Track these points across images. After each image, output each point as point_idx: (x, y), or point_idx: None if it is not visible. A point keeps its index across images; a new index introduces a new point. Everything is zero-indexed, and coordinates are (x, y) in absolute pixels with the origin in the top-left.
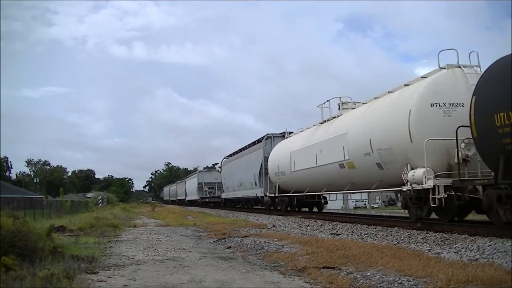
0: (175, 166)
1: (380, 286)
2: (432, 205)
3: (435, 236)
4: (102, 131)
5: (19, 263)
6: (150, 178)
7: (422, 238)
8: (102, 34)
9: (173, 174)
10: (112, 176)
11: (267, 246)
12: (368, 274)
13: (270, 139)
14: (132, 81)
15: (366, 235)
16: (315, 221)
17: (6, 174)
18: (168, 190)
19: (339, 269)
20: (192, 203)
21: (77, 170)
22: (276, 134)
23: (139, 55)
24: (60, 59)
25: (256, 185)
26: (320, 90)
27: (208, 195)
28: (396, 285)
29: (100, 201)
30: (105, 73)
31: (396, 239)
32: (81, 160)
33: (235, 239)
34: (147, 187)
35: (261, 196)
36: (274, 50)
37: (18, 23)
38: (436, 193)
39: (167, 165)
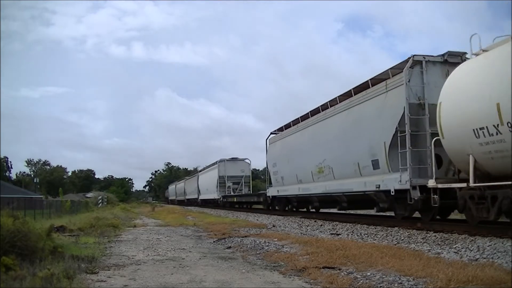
0: (175, 166)
1: (380, 286)
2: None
3: (435, 236)
4: (102, 131)
5: (19, 263)
6: (150, 178)
7: (422, 238)
8: (101, 34)
9: (173, 174)
10: (112, 176)
11: (267, 246)
12: (368, 274)
13: (423, 64)
14: (132, 81)
15: (366, 235)
16: (315, 221)
17: (6, 174)
18: (174, 189)
19: (339, 269)
20: (207, 203)
21: (77, 170)
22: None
23: (138, 55)
24: (59, 59)
25: (378, 167)
26: (321, 90)
27: (232, 193)
28: (396, 285)
29: (100, 201)
30: (105, 73)
31: (396, 239)
32: (81, 160)
33: (235, 239)
34: (147, 187)
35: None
36: (275, 50)
37: (17, 23)
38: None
39: (167, 165)
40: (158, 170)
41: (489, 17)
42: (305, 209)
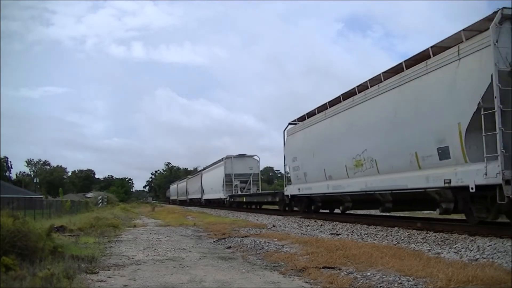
0: (175, 166)
1: (380, 286)
2: None
3: (435, 236)
4: (102, 131)
5: (19, 263)
6: (150, 178)
7: (422, 238)
8: (100, 34)
9: (173, 174)
10: (112, 176)
11: (267, 246)
12: (368, 274)
13: None
14: (132, 81)
15: (366, 235)
16: (315, 221)
17: (6, 174)
18: (176, 188)
19: (339, 269)
20: (211, 203)
21: (77, 170)
22: None
23: (138, 55)
24: (59, 59)
25: (448, 156)
26: (322, 90)
27: (240, 192)
28: (396, 285)
29: (100, 201)
30: (105, 73)
31: (396, 239)
32: (81, 160)
33: (235, 239)
34: (147, 187)
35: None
36: (275, 50)
37: (17, 23)
38: None
39: (167, 165)
40: (158, 170)
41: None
42: (327, 210)
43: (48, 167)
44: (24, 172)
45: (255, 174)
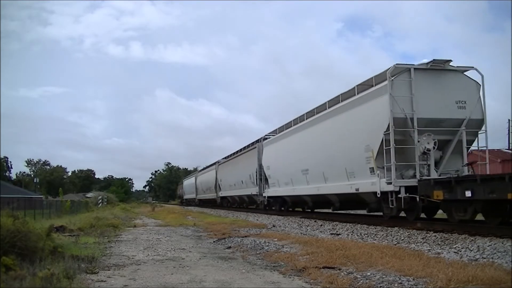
0: (175, 166)
1: (380, 286)
2: None
3: (435, 236)
4: (102, 131)
5: (19, 263)
6: (150, 178)
7: (422, 238)
8: (99, 34)
9: (173, 174)
10: (112, 176)
11: (267, 246)
12: (368, 274)
13: None
14: (131, 81)
15: (366, 235)
16: (315, 221)
17: (6, 174)
18: (195, 184)
19: (339, 269)
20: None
21: (77, 170)
22: None
23: (136, 55)
24: (58, 59)
25: None
26: (322, 90)
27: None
28: (396, 285)
29: (100, 201)
30: (103, 73)
31: (396, 239)
32: (81, 160)
33: (235, 239)
34: (147, 187)
35: None
36: (275, 49)
37: (15, 22)
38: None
39: (167, 165)
40: (158, 170)
41: (489, 17)
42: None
43: (48, 167)
44: (24, 172)
45: None
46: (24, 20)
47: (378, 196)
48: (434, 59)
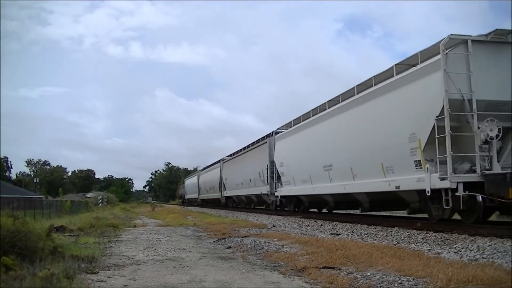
0: (175, 166)
1: (380, 286)
2: None
3: (435, 236)
4: (102, 131)
5: (19, 263)
6: (150, 178)
7: (422, 238)
8: (98, 34)
9: (173, 174)
10: (112, 176)
11: (267, 246)
12: (368, 274)
13: None
14: (131, 81)
15: (366, 235)
16: (315, 221)
17: (6, 174)
18: (197, 183)
19: (339, 269)
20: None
21: (77, 170)
22: None
23: (136, 55)
24: (57, 59)
25: None
26: (323, 89)
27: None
28: (396, 285)
29: (100, 201)
30: (103, 73)
31: (396, 239)
32: (81, 160)
33: (235, 239)
34: (147, 187)
35: None
36: (275, 49)
37: (14, 22)
38: None
39: (167, 165)
40: (158, 170)
41: (489, 17)
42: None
43: (48, 167)
44: (24, 172)
45: None
46: (23, 20)
47: (428, 194)
48: (496, 29)
